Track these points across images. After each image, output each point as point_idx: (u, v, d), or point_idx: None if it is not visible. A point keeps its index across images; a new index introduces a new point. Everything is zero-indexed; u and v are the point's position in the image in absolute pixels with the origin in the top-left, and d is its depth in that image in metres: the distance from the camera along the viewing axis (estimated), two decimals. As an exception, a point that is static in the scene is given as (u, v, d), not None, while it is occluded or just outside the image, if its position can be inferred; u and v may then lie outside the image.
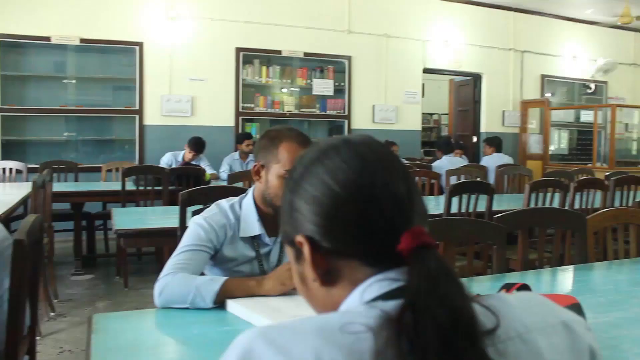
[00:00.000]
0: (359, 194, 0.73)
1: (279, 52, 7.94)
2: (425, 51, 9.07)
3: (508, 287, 1.77)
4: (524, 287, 1.76)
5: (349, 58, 8.39)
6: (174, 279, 1.74)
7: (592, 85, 11.11)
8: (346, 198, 0.73)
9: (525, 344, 0.70)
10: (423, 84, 9.33)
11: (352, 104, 8.45)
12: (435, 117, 12.80)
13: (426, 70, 9.18)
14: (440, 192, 5.39)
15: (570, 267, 2.38)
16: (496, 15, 9.75)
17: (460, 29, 9.37)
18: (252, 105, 7.88)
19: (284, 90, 8.30)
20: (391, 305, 0.66)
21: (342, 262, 0.75)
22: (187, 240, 1.90)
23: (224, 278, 1.74)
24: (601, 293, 2.02)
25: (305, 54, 8.11)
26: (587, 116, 10.22)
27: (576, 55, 10.66)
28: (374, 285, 0.72)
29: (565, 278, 2.23)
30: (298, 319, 0.68)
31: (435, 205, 4.40)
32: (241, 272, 1.98)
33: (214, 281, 1.71)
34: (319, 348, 0.62)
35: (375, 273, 0.73)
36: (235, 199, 2.03)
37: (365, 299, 0.71)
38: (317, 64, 8.32)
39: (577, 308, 1.52)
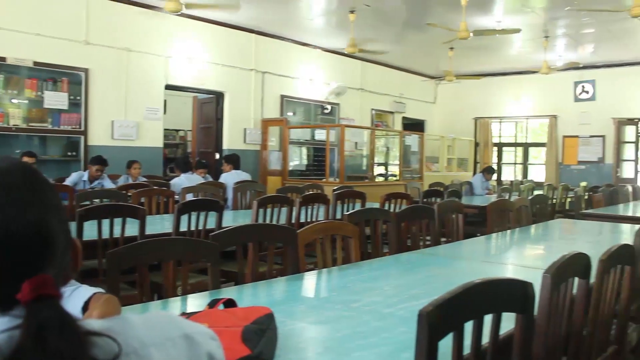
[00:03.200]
0: None
1: (4, 59, 7.20)
2: (168, 67, 9.01)
3: (213, 304, 1.83)
4: (229, 302, 1.83)
5: (86, 70, 7.96)
6: None
7: (329, 106, 12.07)
8: None
9: (140, 359, 0.74)
10: (165, 100, 9.24)
11: (90, 119, 8.02)
12: (181, 133, 12.75)
13: (169, 87, 9.13)
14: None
15: (284, 278, 2.54)
16: (239, 36, 10.09)
17: (204, 47, 9.50)
18: (-31, 117, 7.05)
19: (11, 101, 7.55)
20: (1, 337, 0.65)
21: None
22: None
23: None
24: (303, 301, 2.19)
25: (36, 63, 7.49)
26: (321, 135, 11.04)
27: (312, 78, 11.51)
28: None
29: (276, 289, 2.37)
30: None
31: (170, 224, 4.37)
32: None
33: None
34: None
35: None
36: None
37: None
38: (50, 74, 7.73)
39: (269, 317, 1.63)
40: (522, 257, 3.54)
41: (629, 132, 13.07)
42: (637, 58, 12.08)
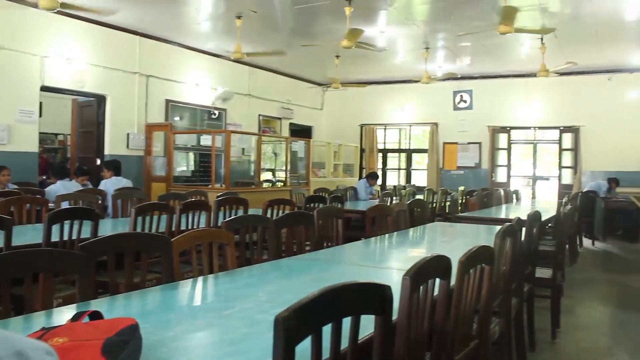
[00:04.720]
0: None
1: None
2: (44, 67, 8.55)
3: (76, 317, 1.76)
4: (95, 314, 1.77)
5: (-53, 69, 7.41)
6: None
7: (216, 112, 11.95)
8: None
9: None
10: (41, 103, 8.76)
11: (-47, 121, 7.48)
12: (60, 137, 12.16)
13: (45, 88, 8.66)
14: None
15: (158, 288, 2.49)
16: (122, 37, 9.76)
17: (84, 48, 9.11)
18: None
19: None
20: None
21: None
22: None
23: None
24: (174, 310, 2.16)
25: None
26: (208, 140, 10.90)
27: (199, 83, 11.35)
28: None
29: (149, 299, 2.31)
30: None
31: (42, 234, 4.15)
32: None
33: None
34: None
35: None
36: None
37: None
38: None
39: (133, 328, 1.59)
40: (396, 260, 3.67)
41: (502, 140, 13.93)
42: (509, 71, 12.91)
